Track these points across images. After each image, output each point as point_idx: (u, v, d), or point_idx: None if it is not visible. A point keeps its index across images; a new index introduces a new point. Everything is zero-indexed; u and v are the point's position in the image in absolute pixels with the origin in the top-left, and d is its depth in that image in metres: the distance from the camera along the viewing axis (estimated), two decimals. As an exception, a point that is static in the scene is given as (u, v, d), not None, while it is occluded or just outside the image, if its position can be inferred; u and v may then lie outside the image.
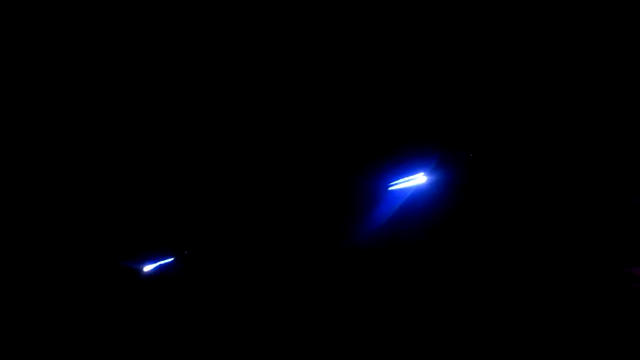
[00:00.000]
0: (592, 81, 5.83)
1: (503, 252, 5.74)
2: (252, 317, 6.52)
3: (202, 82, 6.22)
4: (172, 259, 6.97)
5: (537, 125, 5.99)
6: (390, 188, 6.02)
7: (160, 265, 6.98)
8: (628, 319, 5.22)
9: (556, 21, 5.63)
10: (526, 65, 5.78)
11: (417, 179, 5.83)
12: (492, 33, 5.68)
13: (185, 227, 6.96)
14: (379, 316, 5.91)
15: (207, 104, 6.36)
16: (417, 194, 5.92)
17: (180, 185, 6.86)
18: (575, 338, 5.32)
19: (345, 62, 5.84)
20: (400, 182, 5.94)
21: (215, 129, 6.53)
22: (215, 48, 5.93)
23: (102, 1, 5.51)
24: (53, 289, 6.64)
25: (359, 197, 6.09)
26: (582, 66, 5.81)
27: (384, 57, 5.77)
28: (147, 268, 7.05)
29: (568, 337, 5.36)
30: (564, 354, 5.30)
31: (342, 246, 6.01)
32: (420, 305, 5.82)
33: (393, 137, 5.87)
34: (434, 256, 5.77)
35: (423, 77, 5.86)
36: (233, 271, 6.80)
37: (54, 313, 6.54)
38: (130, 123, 6.47)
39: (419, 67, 5.81)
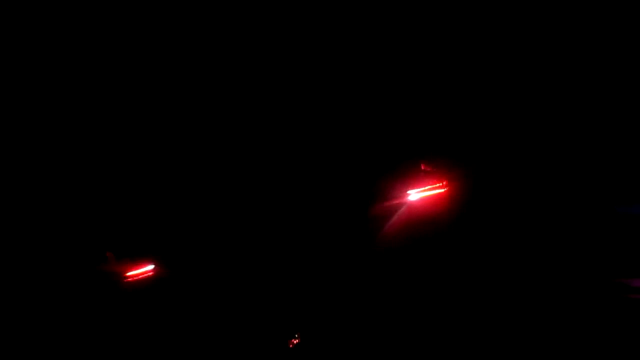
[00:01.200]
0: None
1: (502, 259, 5.76)
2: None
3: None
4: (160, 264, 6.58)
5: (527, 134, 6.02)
6: (410, 196, 5.93)
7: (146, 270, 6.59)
8: (625, 329, 5.24)
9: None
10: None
11: (438, 188, 5.77)
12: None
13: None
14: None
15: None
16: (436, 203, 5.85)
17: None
18: (572, 348, 5.32)
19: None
20: (419, 191, 5.87)
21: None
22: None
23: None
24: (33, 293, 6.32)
25: (380, 204, 6.01)
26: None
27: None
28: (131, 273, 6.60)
29: (565, 348, 5.37)
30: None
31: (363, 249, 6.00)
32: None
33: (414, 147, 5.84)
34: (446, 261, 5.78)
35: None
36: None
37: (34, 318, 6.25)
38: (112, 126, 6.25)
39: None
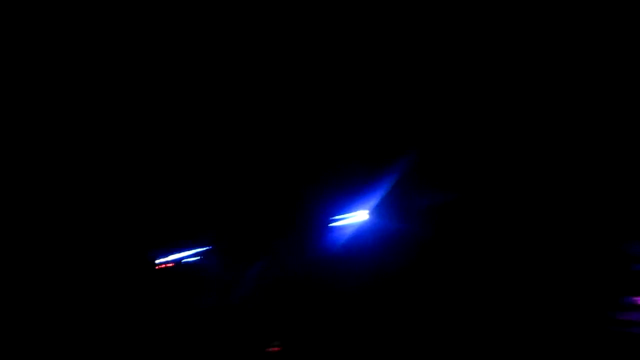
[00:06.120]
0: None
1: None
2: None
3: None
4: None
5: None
6: (331, 224, 5.89)
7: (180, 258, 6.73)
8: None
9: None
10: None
11: (359, 216, 5.69)
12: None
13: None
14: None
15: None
16: (359, 231, 5.76)
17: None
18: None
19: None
20: (341, 219, 5.81)
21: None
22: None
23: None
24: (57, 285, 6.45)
25: (300, 231, 5.99)
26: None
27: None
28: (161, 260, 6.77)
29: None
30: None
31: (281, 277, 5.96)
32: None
33: (335, 170, 5.77)
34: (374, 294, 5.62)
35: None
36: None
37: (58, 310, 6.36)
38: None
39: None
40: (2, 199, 6.45)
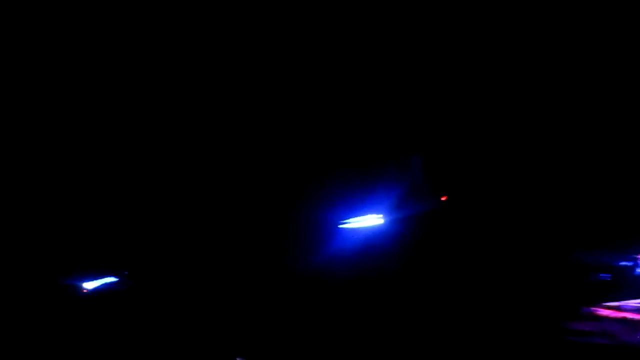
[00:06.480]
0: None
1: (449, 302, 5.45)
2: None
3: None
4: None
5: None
6: (341, 226, 5.38)
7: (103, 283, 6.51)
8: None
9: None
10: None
11: (374, 220, 5.25)
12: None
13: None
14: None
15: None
16: (373, 236, 5.36)
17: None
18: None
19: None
20: (352, 221, 5.33)
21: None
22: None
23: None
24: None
25: (307, 231, 5.51)
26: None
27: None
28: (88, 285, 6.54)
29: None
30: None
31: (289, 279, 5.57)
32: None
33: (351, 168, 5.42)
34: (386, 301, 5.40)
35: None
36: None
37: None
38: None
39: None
40: None
